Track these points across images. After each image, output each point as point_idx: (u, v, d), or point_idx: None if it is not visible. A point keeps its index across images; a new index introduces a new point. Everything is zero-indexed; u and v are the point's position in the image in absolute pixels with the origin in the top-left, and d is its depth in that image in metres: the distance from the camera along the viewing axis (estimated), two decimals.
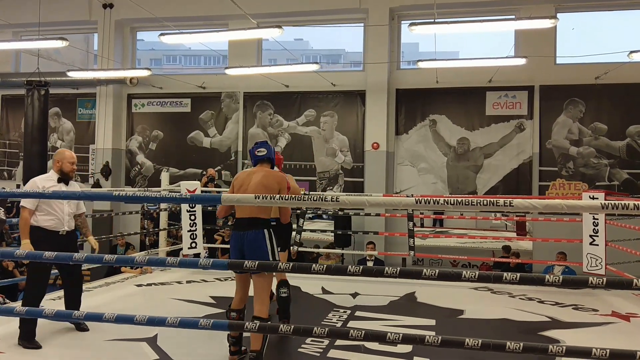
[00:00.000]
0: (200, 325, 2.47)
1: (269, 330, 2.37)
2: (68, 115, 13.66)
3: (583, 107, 10.78)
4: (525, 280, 2.10)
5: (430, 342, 2.19)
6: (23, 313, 2.92)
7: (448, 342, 2.18)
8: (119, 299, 5.87)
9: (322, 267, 2.40)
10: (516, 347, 2.05)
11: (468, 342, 2.13)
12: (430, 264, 11.35)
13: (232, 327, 2.48)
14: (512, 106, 11.04)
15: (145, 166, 13.02)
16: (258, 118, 12.41)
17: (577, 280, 3.35)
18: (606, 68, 10.23)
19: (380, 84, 11.46)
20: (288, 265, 2.40)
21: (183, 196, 4.48)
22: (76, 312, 2.65)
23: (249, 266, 2.54)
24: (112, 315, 2.56)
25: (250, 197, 2.81)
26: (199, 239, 7.30)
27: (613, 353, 1.97)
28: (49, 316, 2.73)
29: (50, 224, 4.35)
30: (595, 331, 4.92)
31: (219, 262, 2.72)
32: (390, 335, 2.24)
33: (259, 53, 12.54)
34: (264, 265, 2.69)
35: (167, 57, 43.96)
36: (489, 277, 2.17)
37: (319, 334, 2.30)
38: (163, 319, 2.52)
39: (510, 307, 5.81)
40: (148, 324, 2.53)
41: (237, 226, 3.79)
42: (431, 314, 5.42)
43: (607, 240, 6.50)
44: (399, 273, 2.20)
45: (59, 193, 3.78)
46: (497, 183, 11.09)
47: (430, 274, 2.15)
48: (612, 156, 10.63)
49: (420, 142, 11.50)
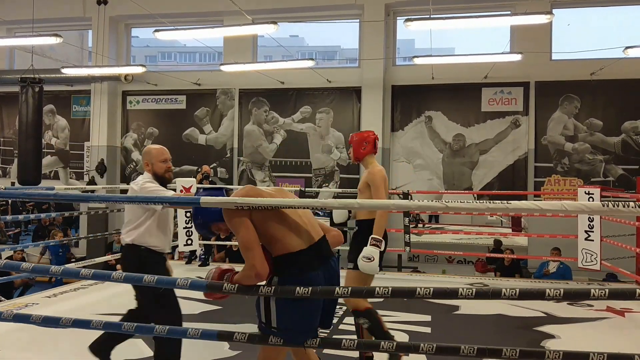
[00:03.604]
0: (188, 334, 2.44)
1: (259, 340, 2.36)
2: (63, 112, 13.60)
3: (578, 103, 10.81)
4: (525, 295, 2.08)
5: (425, 350, 2.19)
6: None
7: (444, 349, 2.18)
8: (113, 296, 5.85)
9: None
10: (512, 353, 2.05)
11: (464, 350, 2.12)
12: (426, 259, 11.35)
13: (222, 337, 2.44)
14: (507, 102, 11.06)
15: (140, 163, 12.97)
16: (253, 115, 12.38)
17: (579, 292, 3.36)
18: (602, 64, 10.25)
19: (376, 81, 11.45)
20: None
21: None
22: (63, 318, 2.60)
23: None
24: (100, 322, 2.54)
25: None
26: (195, 236, 7.28)
27: (611, 356, 1.97)
28: (36, 322, 2.68)
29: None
30: (590, 326, 4.95)
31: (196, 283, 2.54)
32: (384, 344, 2.23)
33: (254, 50, 12.51)
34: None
35: (162, 54, 43.76)
36: (487, 294, 2.16)
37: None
38: (151, 327, 2.50)
39: (505, 302, 5.82)
40: (137, 332, 2.51)
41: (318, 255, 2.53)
42: (427, 309, 5.43)
43: (602, 235, 6.53)
44: (390, 293, 2.17)
45: (58, 194, 3.74)
46: (493, 179, 11.11)
47: (424, 293, 2.13)
48: (607, 152, 10.66)
49: (416, 138, 11.50)
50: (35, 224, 15.48)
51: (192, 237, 7.24)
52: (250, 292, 2.32)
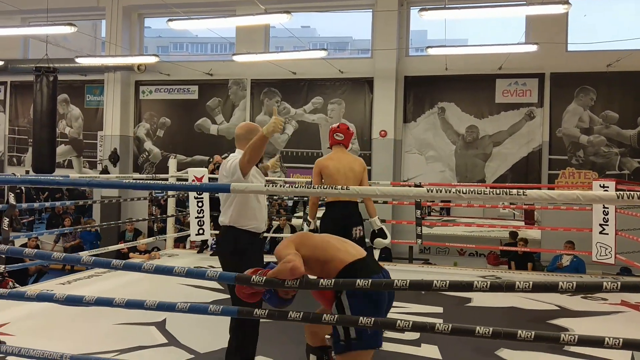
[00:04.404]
0: (210, 310, 2.46)
1: (279, 317, 2.35)
2: (76, 101, 13.68)
3: (594, 95, 10.66)
4: (538, 287, 2.06)
5: (441, 330, 2.17)
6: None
7: (458, 330, 2.16)
8: (127, 283, 5.89)
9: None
10: (527, 335, 2.03)
11: (479, 330, 2.10)
12: (437, 252, 11.32)
13: (241, 314, 2.46)
14: (522, 94, 10.93)
15: (152, 153, 13.04)
16: (265, 105, 12.37)
17: (592, 284, 3.33)
18: (618, 55, 10.09)
19: (389, 71, 11.37)
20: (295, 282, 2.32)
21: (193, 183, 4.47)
22: (87, 296, 2.65)
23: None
24: (122, 300, 2.56)
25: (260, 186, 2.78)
26: (207, 225, 7.31)
27: (626, 342, 1.94)
28: (59, 300, 2.73)
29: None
30: (604, 320, 4.90)
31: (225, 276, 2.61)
32: (400, 323, 2.22)
33: (267, 40, 12.47)
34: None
35: (174, 45, 43.81)
36: (502, 287, 2.14)
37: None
38: (173, 304, 2.51)
39: (518, 295, 5.78)
40: (158, 309, 2.52)
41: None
42: (439, 301, 5.41)
43: (617, 229, 6.45)
44: (408, 285, 2.17)
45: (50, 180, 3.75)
46: (506, 171, 11.02)
47: (440, 285, 2.13)
48: (622, 145, 10.52)
49: (429, 130, 11.42)
50: (49, 212, 15.65)
51: (204, 226, 7.27)
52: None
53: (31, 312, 4.59)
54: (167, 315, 4.50)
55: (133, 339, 4.00)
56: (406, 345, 3.90)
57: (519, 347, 3.95)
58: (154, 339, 4.04)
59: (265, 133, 2.98)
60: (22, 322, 4.34)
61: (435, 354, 3.86)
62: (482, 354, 3.87)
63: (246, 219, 3.27)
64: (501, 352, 3.90)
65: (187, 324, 4.35)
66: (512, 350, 3.90)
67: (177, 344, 3.95)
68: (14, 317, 4.39)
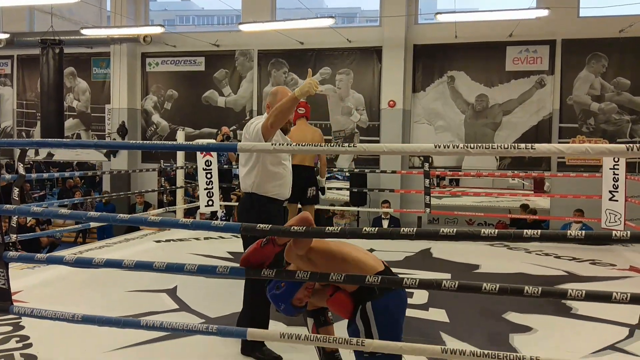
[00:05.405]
0: (218, 271, 2.49)
1: (286, 277, 2.37)
2: (83, 75, 13.64)
3: (606, 61, 10.46)
4: (546, 237, 2.05)
5: (447, 287, 2.18)
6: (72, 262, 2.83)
7: (465, 286, 2.17)
8: (138, 253, 5.97)
9: (337, 229, 2.34)
10: (534, 291, 2.03)
11: (485, 287, 2.11)
12: (446, 222, 11.34)
13: (249, 274, 2.49)
14: (532, 61, 10.75)
15: (160, 126, 13.03)
16: (273, 76, 12.27)
17: (600, 235, 3.32)
18: (631, 20, 9.86)
19: (398, 40, 11.21)
20: (301, 229, 2.31)
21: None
22: (97, 258, 2.69)
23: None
24: (132, 262, 2.59)
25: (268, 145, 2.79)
26: (216, 197, 7.34)
27: (634, 297, 1.94)
28: (69, 262, 2.78)
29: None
30: (612, 285, 4.90)
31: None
32: (407, 281, 2.23)
33: (273, 10, 12.30)
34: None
35: (179, 18, 43.46)
36: (509, 235, 2.13)
37: (335, 280, 2.31)
38: (181, 265, 2.54)
39: (526, 262, 5.80)
40: (167, 270, 2.55)
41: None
42: (447, 268, 5.45)
43: (627, 195, 6.41)
44: (415, 233, 2.16)
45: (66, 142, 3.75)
46: (516, 140, 10.91)
47: (447, 232, 2.11)
48: (634, 112, 10.37)
49: (438, 99, 11.30)
50: (60, 187, 15.78)
51: (213, 197, 7.30)
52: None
53: (44, 280, 4.68)
54: (178, 283, 4.57)
55: (145, 304, 4.07)
56: (414, 309, 3.93)
57: (526, 310, 3.97)
58: (165, 305, 4.11)
59: (297, 94, 2.81)
60: (35, 289, 4.42)
61: (442, 317, 3.90)
62: (489, 317, 3.90)
63: (270, 185, 3.10)
64: (508, 315, 3.92)
65: (198, 291, 4.41)
66: (519, 314, 3.92)
67: (188, 309, 4.02)
68: (27, 285, 4.47)
